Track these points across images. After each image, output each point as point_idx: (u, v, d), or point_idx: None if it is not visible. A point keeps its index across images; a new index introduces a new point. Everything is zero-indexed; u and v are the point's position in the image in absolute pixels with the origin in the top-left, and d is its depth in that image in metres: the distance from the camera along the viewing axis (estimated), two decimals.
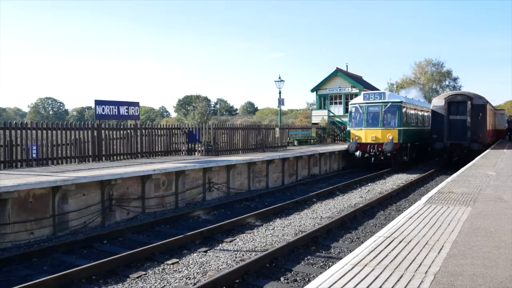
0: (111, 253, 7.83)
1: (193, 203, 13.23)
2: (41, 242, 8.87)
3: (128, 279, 6.63)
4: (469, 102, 21.66)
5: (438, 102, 22.57)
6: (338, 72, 31.70)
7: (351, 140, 21.84)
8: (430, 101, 31.45)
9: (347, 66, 34.35)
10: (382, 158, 20.84)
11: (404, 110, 21.47)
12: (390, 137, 20.57)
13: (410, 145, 22.34)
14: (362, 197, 13.98)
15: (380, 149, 20.64)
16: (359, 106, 21.90)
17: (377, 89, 33.98)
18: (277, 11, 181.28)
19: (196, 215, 11.34)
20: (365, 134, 21.44)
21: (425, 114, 26.80)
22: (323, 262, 7.36)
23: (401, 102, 21.32)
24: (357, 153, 21.18)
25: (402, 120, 21.12)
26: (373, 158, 21.16)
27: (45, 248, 8.04)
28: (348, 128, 22.67)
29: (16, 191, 8.52)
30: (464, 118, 21.65)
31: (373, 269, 4.28)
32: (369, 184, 17.22)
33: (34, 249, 8.07)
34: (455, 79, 62.27)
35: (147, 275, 6.79)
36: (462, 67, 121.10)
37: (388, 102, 21.20)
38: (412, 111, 23.47)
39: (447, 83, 62.33)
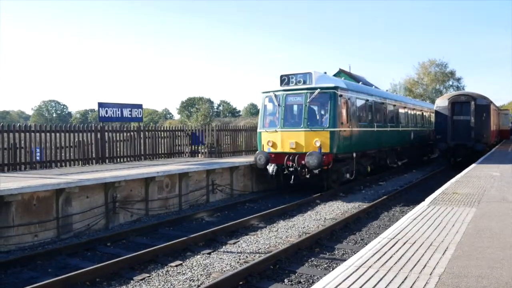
0: (115, 256, 7.83)
1: (197, 205, 13.22)
2: (45, 244, 8.89)
3: (132, 281, 6.63)
4: (472, 102, 21.60)
5: (442, 102, 22.50)
6: (341, 73, 31.78)
7: (261, 148, 14.90)
8: (433, 102, 31.32)
9: (350, 66, 34.49)
10: (308, 176, 13.70)
11: (343, 100, 14.41)
12: (318, 144, 13.49)
13: (357, 155, 15.27)
14: (365, 198, 13.94)
15: (303, 162, 13.56)
16: (274, 95, 14.70)
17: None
18: (280, 12, 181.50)
19: (200, 217, 11.33)
20: (282, 139, 14.22)
21: (390, 108, 19.65)
22: (327, 263, 7.34)
23: (336, 87, 14.09)
24: (270, 168, 14.03)
25: (338, 116, 13.91)
26: (293, 176, 13.96)
27: (49, 251, 8.06)
28: (258, 129, 15.34)
29: (20, 194, 8.55)
30: (468, 119, 21.58)
31: (377, 271, 4.26)
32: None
33: (38, 251, 8.08)
34: (458, 79, 62.12)
35: (150, 277, 6.79)
36: (465, 67, 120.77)
37: (315, 88, 13.92)
38: (362, 102, 16.35)
39: (450, 83, 62.17)
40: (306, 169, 13.57)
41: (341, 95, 14.23)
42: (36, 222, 9.03)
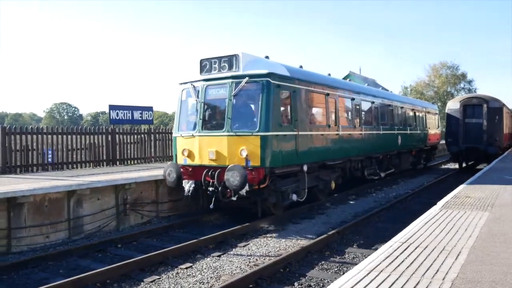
0: (126, 257, 7.86)
1: (207, 207, 13.20)
2: (56, 245, 8.97)
3: (142, 283, 6.66)
4: (485, 105, 21.40)
5: (453, 105, 22.33)
6: (351, 75, 31.62)
7: (175, 159, 11.14)
8: (445, 104, 31.05)
9: (360, 69, 34.37)
10: (234, 198, 9.90)
11: (285, 93, 10.47)
12: (244, 154, 9.74)
13: (311, 168, 11.43)
14: (376, 201, 13.84)
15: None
16: (193, 86, 10.81)
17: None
18: (289, 14, 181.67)
19: (210, 219, 11.33)
20: (200, 147, 10.45)
21: (366, 105, 15.52)
22: (337, 267, 7.29)
23: (270, 74, 9.97)
24: (186, 186, 10.67)
25: (275, 114, 9.94)
26: (213, 199, 10.11)
27: (61, 252, 8.13)
28: (174, 134, 11.44)
29: (32, 195, 8.64)
30: (480, 122, 21.39)
31: (389, 275, 4.22)
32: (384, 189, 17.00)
33: (49, 252, 8.16)
34: (470, 82, 61.57)
35: (161, 279, 6.81)
36: (476, 69, 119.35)
37: (243, 76, 10.07)
38: (318, 96, 12.10)
39: (462, 85, 61.64)
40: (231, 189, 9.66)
41: (279, 86, 10.18)
42: (48, 223, 9.11)
